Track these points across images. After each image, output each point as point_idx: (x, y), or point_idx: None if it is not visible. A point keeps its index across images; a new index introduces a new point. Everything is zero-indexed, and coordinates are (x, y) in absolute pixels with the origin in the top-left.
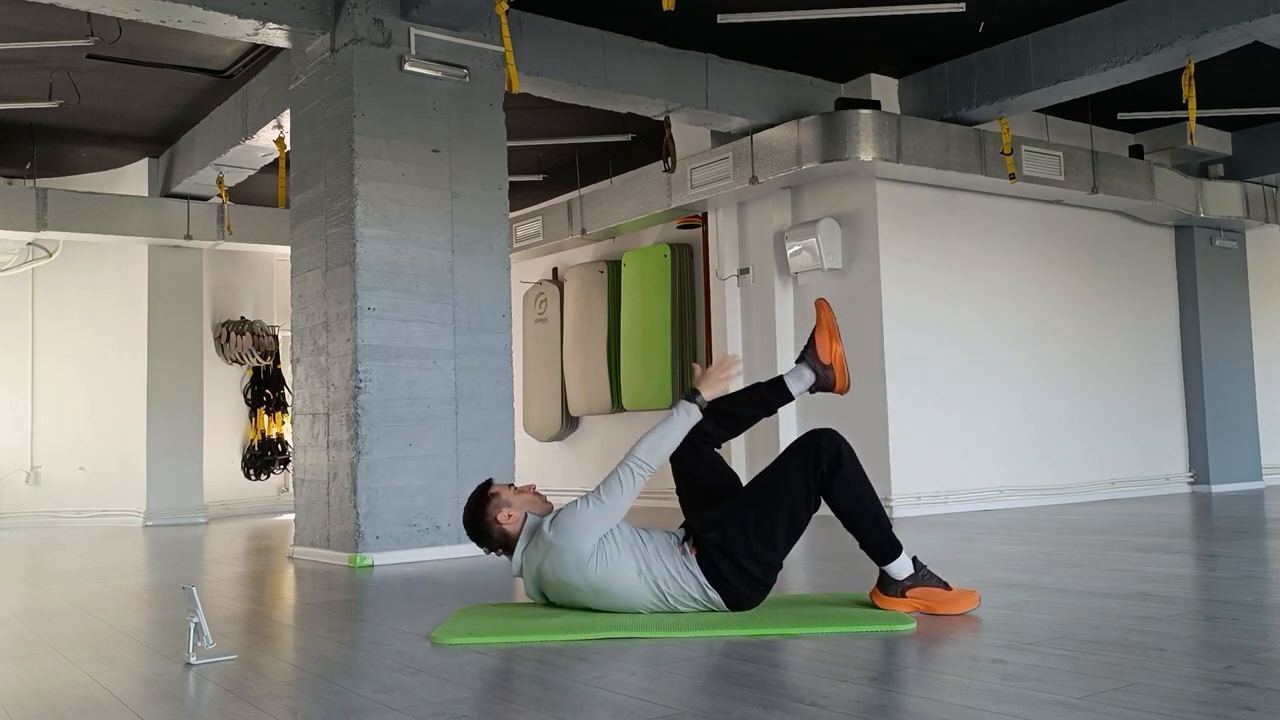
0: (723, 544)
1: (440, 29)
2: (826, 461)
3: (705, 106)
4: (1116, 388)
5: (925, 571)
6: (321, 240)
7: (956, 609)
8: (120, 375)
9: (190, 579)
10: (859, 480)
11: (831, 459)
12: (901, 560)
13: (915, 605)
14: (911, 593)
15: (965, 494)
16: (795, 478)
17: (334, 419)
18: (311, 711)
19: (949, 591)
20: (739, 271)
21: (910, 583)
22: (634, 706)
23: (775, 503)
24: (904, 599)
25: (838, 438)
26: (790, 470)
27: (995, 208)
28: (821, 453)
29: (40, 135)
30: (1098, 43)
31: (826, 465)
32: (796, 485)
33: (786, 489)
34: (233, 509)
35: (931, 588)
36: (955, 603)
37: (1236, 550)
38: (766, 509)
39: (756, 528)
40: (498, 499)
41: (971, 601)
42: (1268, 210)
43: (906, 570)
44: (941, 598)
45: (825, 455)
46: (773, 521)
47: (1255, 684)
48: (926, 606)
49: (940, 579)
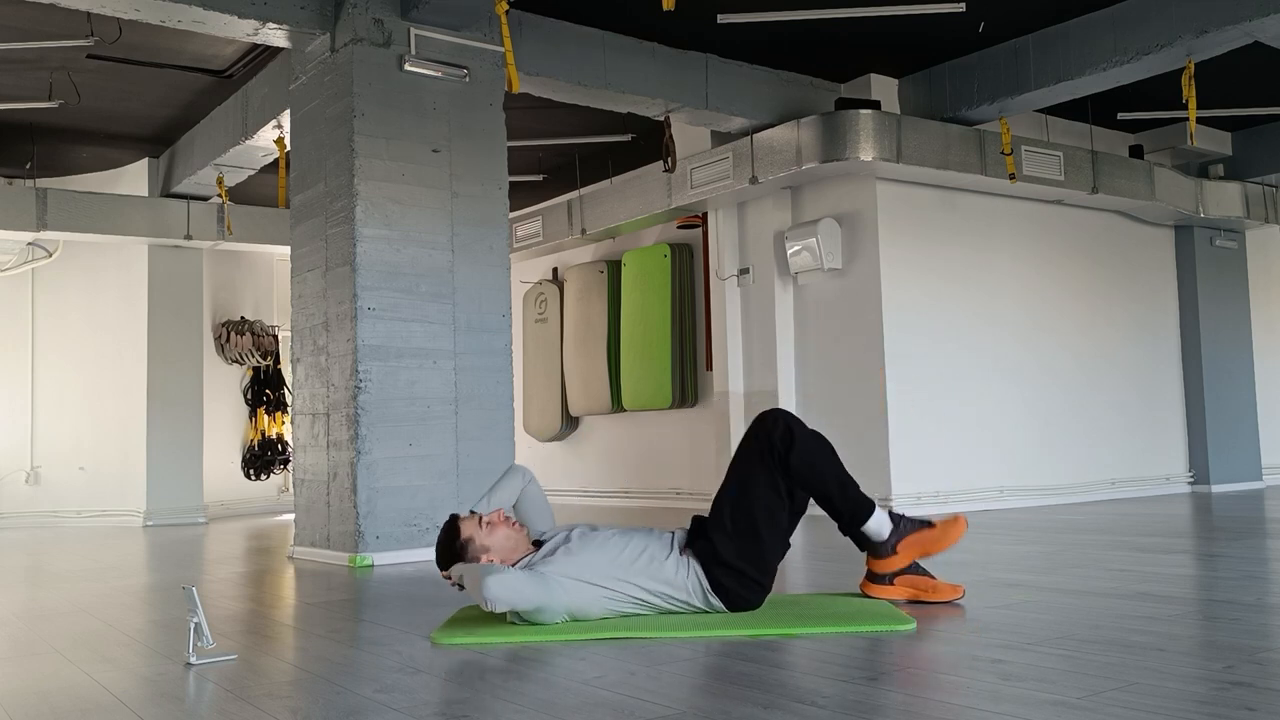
0: (711, 552)
1: (440, 29)
2: (779, 438)
3: (705, 106)
4: (1116, 388)
5: (905, 521)
6: (321, 240)
7: (946, 595)
8: (120, 375)
9: (190, 579)
10: (815, 448)
11: (783, 435)
12: (878, 517)
13: (905, 593)
14: (900, 580)
15: (965, 494)
16: (756, 466)
17: (334, 419)
18: (311, 711)
19: (934, 528)
20: (739, 271)
21: (895, 539)
22: (634, 706)
23: (746, 497)
24: (894, 586)
25: (783, 414)
26: (750, 460)
27: (995, 208)
28: (771, 432)
29: (40, 135)
30: (1098, 43)
31: (780, 442)
32: (759, 472)
33: (752, 480)
34: (233, 509)
35: (918, 532)
36: (943, 590)
37: (1236, 550)
38: (740, 505)
39: (735, 527)
40: (472, 545)
41: (957, 531)
42: (1268, 210)
43: (886, 526)
44: (930, 583)
45: (776, 433)
46: (750, 516)
47: (1255, 684)
48: (915, 594)
49: (923, 520)
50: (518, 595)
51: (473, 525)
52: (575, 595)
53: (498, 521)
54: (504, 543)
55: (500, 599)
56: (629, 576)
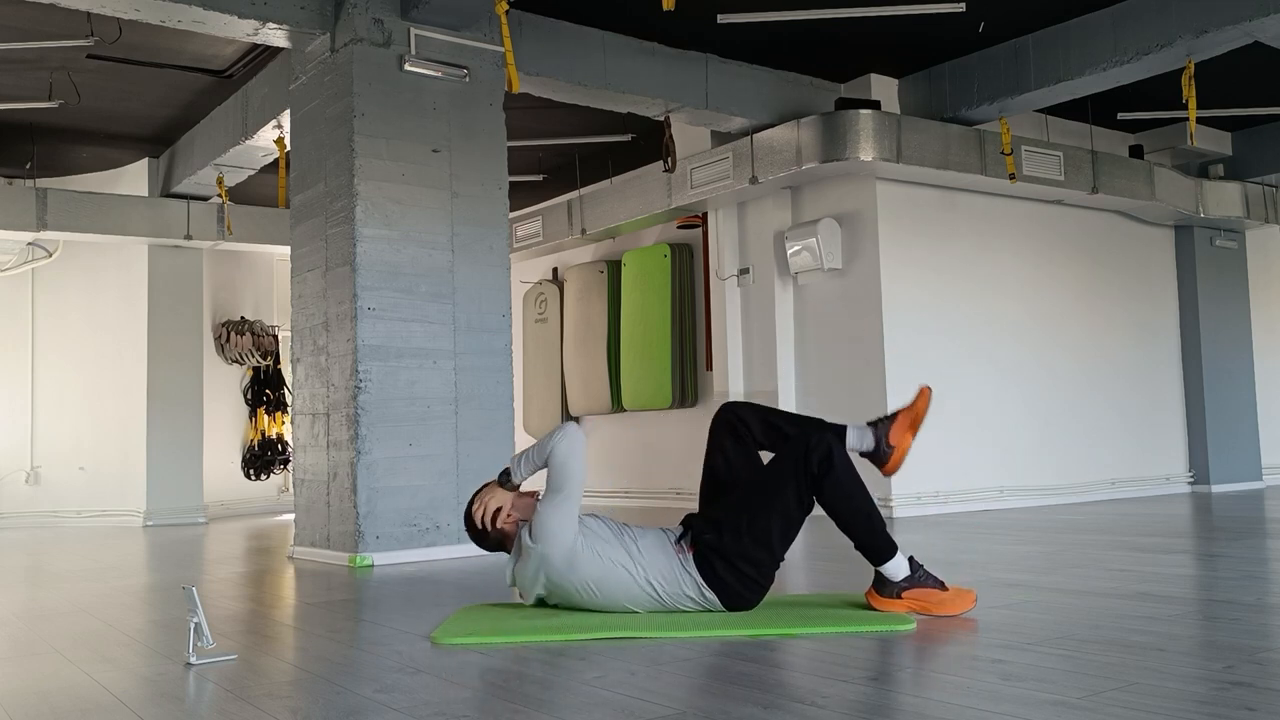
0: (718, 546)
1: (440, 29)
2: (817, 463)
3: (705, 106)
4: (1116, 388)
5: (922, 572)
6: (321, 240)
7: (953, 610)
8: (120, 375)
9: (190, 579)
10: (851, 481)
11: (822, 460)
12: (897, 560)
13: (911, 606)
14: (908, 594)
15: (965, 494)
16: (787, 479)
17: (334, 419)
18: (311, 711)
19: (945, 592)
20: (739, 271)
21: (906, 584)
22: (634, 706)
23: (768, 505)
24: (900, 600)
25: (829, 439)
26: (782, 472)
27: (995, 208)
28: (811, 454)
29: (40, 135)
30: (1098, 43)
31: (817, 466)
32: (788, 487)
33: (779, 491)
34: (233, 509)
35: (928, 589)
36: (952, 604)
37: (1236, 550)
38: (760, 511)
39: (750, 529)
40: (500, 513)
41: (968, 602)
42: (1268, 210)
43: (903, 571)
44: (938, 598)
45: (815, 456)
46: (767, 523)
47: (1255, 684)
48: (923, 607)
49: (937, 579)
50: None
51: (504, 495)
52: (587, 538)
53: (529, 496)
54: (527, 509)
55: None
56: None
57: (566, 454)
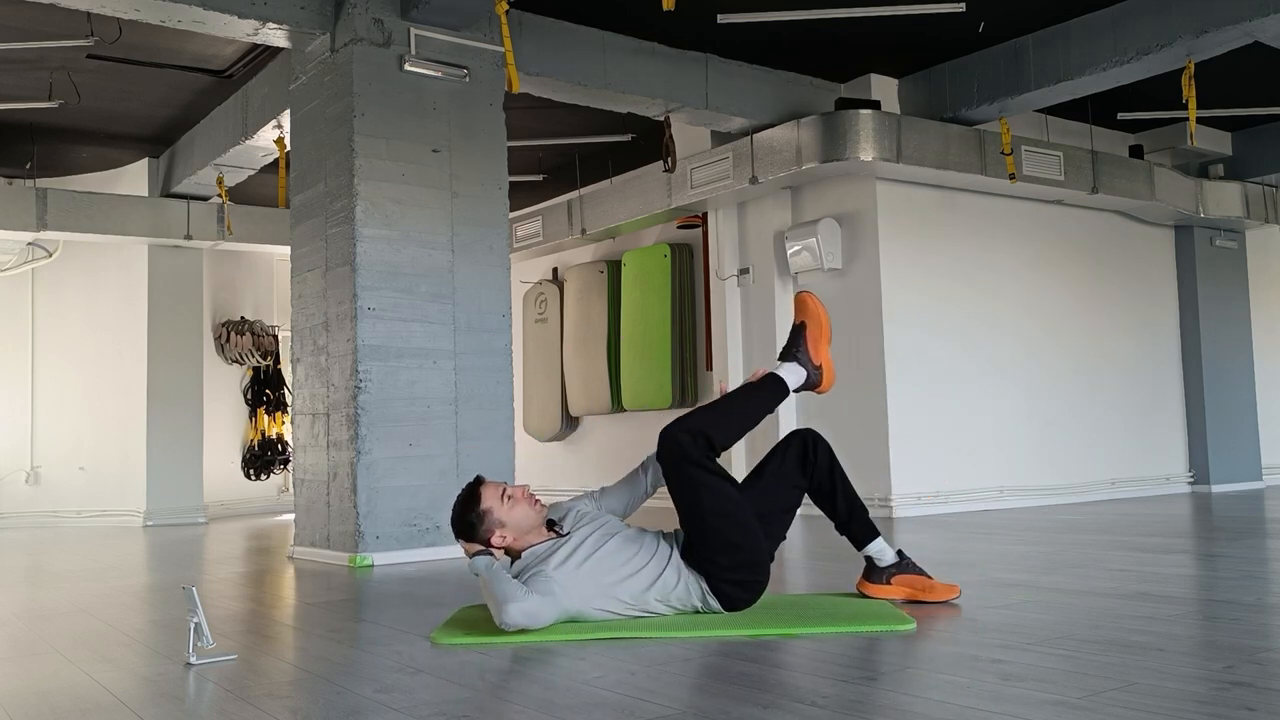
0: (710, 570)
1: (440, 29)
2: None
3: (705, 106)
4: (1116, 388)
5: (908, 561)
6: (321, 240)
7: (943, 595)
8: (120, 375)
9: (190, 579)
10: (840, 470)
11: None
12: (881, 543)
13: (902, 592)
14: (897, 579)
15: (965, 494)
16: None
17: (334, 419)
18: (311, 711)
19: (930, 580)
20: (739, 271)
21: (895, 569)
22: (634, 706)
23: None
24: (890, 585)
25: (814, 433)
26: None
27: (995, 208)
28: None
29: (40, 135)
30: (1098, 43)
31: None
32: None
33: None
34: (233, 509)
35: (916, 575)
36: (942, 590)
37: (1236, 550)
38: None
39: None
40: (490, 517)
41: (954, 590)
42: (1268, 210)
43: (890, 555)
44: (926, 584)
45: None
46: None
47: (1255, 684)
48: (912, 594)
49: (921, 569)
50: (535, 622)
51: (494, 495)
52: (581, 605)
53: (520, 497)
54: (521, 521)
55: (518, 624)
56: (633, 594)
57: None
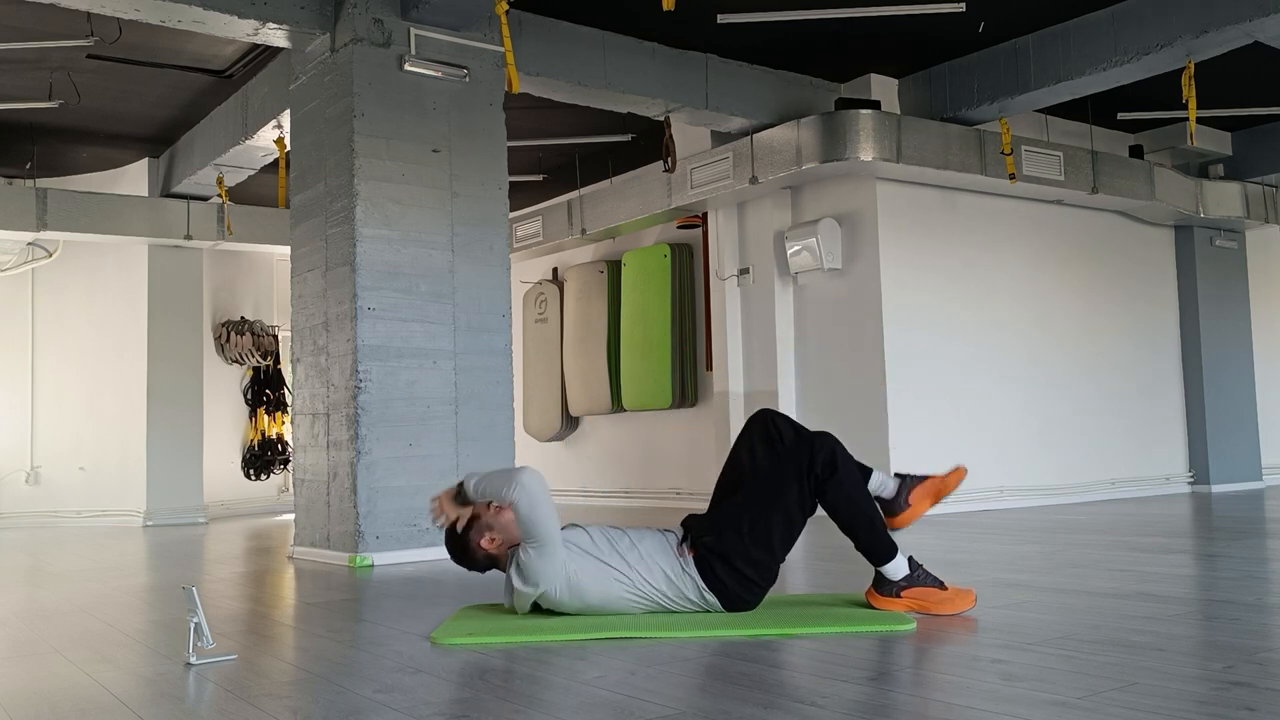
0: (718, 547)
1: (440, 29)
2: (821, 465)
3: (705, 106)
4: (1116, 388)
5: (922, 571)
6: (321, 240)
7: (952, 609)
8: (120, 375)
9: (190, 579)
10: (854, 484)
11: (826, 463)
12: (897, 561)
13: (911, 605)
14: (907, 593)
15: (965, 494)
16: (790, 482)
17: (334, 419)
18: (311, 711)
19: (945, 591)
20: (739, 271)
21: (906, 583)
22: (634, 706)
23: (770, 505)
24: (899, 599)
25: (832, 441)
26: (786, 473)
27: (995, 208)
28: (816, 457)
29: (40, 135)
30: (1098, 43)
31: (821, 469)
32: (791, 489)
33: (781, 491)
34: (233, 509)
35: (927, 588)
36: (951, 603)
37: (1236, 550)
38: (762, 512)
39: (752, 531)
40: (479, 523)
41: (968, 601)
42: (1268, 210)
43: (902, 571)
44: (937, 597)
45: (819, 459)
46: (768, 525)
47: (1255, 684)
48: (922, 606)
49: (937, 579)
50: (542, 501)
51: (481, 505)
52: (578, 561)
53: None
54: (510, 525)
55: (532, 491)
56: (629, 560)
57: (529, 508)
